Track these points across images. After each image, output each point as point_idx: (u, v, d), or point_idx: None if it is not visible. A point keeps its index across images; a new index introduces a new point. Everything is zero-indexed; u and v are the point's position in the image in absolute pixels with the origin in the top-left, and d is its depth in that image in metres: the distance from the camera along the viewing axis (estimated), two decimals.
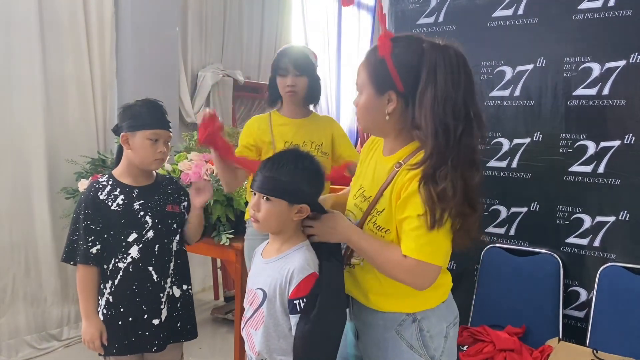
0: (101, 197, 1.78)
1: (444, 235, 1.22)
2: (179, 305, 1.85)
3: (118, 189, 1.80)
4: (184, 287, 1.87)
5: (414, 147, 1.30)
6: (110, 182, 1.81)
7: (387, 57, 1.25)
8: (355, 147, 7.41)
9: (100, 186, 1.80)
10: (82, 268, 1.76)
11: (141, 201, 1.80)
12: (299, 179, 1.35)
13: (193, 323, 1.90)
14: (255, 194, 1.37)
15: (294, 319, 1.32)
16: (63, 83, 3.16)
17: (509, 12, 2.30)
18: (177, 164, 2.58)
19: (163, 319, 1.80)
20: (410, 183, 1.22)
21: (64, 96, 3.17)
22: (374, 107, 1.30)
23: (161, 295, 1.80)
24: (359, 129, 7.05)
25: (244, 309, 1.48)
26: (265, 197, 1.34)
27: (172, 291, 1.84)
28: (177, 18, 3.98)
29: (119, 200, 1.78)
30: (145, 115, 1.76)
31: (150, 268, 1.79)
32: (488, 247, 2.38)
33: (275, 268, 1.38)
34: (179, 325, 1.86)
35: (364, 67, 1.32)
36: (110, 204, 1.77)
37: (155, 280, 1.79)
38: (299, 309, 1.31)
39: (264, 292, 1.38)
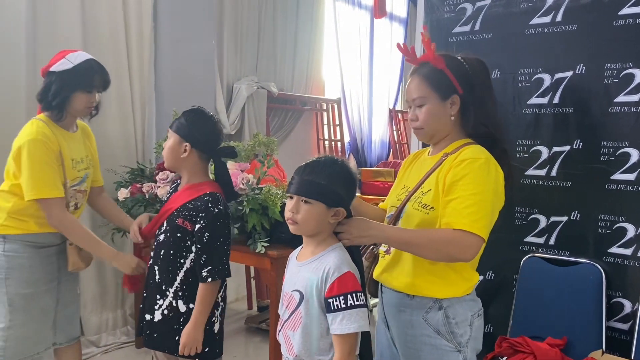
0: (174, 186, 2.01)
1: (491, 211, 1.41)
2: (181, 320, 1.84)
3: (173, 186, 1.99)
4: (191, 305, 1.84)
5: (460, 143, 1.53)
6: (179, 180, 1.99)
7: (445, 68, 1.50)
8: (387, 157, 7.39)
9: (179, 178, 2.00)
10: None
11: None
12: (336, 182, 1.40)
13: None
14: (292, 198, 1.41)
15: (330, 317, 1.34)
16: (104, 96, 3.24)
17: (547, 19, 2.28)
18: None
19: (155, 319, 1.85)
20: (460, 165, 1.43)
21: (105, 108, 3.22)
22: (440, 112, 1.52)
23: (158, 297, 1.85)
24: (401, 140, 7.09)
25: (279, 316, 1.50)
26: (303, 200, 1.38)
27: (177, 304, 1.84)
28: (213, 32, 4.07)
29: (165, 197, 1.98)
30: None
31: (156, 268, 1.88)
32: (527, 256, 2.34)
33: (310, 269, 1.41)
34: (177, 339, 1.83)
35: (421, 81, 1.52)
36: (170, 194, 2.00)
37: (157, 281, 1.87)
38: (333, 308, 1.33)
39: (301, 293, 1.41)
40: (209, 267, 1.78)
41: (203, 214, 1.80)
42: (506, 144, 1.56)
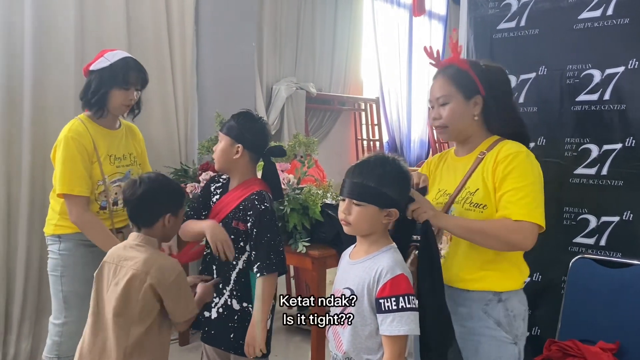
0: (212, 187, 1.97)
1: (542, 200, 1.46)
2: (236, 317, 1.86)
3: (222, 190, 1.95)
4: (244, 304, 1.86)
5: (492, 141, 1.57)
6: (224, 181, 1.96)
7: (469, 69, 1.55)
8: (427, 157, 7.34)
9: (217, 179, 1.98)
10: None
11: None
12: (386, 183, 1.39)
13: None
14: (345, 200, 1.42)
15: (381, 318, 1.34)
16: (148, 98, 3.30)
17: (597, 13, 2.21)
18: None
19: (212, 316, 1.88)
20: (505, 161, 1.46)
21: (149, 110, 3.31)
22: (463, 111, 1.55)
23: (215, 294, 1.88)
24: (440, 139, 6.99)
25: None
26: (355, 203, 1.39)
27: (231, 302, 1.87)
28: (253, 34, 4.11)
29: (215, 198, 1.95)
30: None
31: (214, 267, 1.91)
32: (576, 258, 2.27)
33: (363, 268, 1.41)
34: (232, 336, 1.85)
35: (446, 81, 1.56)
36: (212, 197, 1.96)
37: (215, 278, 1.91)
38: (384, 309, 1.33)
39: (352, 291, 1.41)
40: (258, 263, 1.82)
41: (251, 212, 1.84)
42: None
